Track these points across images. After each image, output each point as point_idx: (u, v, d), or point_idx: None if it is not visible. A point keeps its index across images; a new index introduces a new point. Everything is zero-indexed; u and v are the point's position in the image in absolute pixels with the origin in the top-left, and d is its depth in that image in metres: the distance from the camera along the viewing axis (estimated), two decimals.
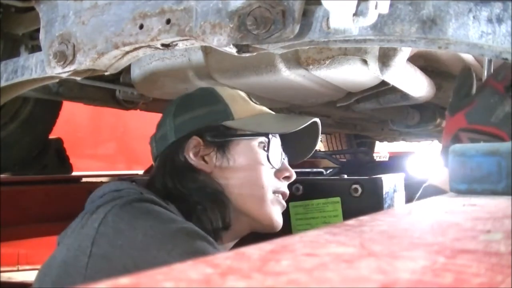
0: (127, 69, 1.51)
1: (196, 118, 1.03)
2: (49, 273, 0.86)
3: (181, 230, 0.84)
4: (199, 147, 1.01)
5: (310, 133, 1.13)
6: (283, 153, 1.09)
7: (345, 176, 1.49)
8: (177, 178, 1.00)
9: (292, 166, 1.12)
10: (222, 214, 0.98)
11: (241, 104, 1.06)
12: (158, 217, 0.86)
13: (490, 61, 0.91)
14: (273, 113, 1.12)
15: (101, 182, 2.04)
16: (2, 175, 1.98)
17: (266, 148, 1.04)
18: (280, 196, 1.07)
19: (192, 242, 0.82)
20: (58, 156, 2.21)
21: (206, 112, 1.03)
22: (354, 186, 1.35)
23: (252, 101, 1.11)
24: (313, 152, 1.19)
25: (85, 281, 0.79)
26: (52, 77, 1.05)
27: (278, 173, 1.06)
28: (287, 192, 1.09)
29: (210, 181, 1.00)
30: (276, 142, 1.06)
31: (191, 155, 1.01)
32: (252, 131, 1.03)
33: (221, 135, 1.02)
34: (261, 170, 1.02)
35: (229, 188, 1.00)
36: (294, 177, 1.09)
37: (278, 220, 1.05)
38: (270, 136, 1.04)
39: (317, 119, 1.09)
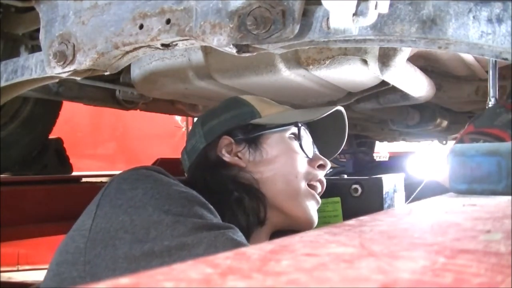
0: (127, 69, 1.51)
1: (224, 121, 1.03)
2: (64, 242, 0.85)
3: (181, 194, 0.84)
4: (231, 146, 1.01)
5: (337, 126, 1.14)
6: (314, 145, 1.10)
7: (345, 176, 1.49)
8: (211, 173, 1.00)
9: None
10: (258, 209, 0.97)
11: (265, 104, 1.07)
12: (159, 180, 0.87)
13: (495, 62, 0.92)
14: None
15: (101, 182, 2.05)
16: (2, 175, 1.98)
17: (297, 138, 1.04)
18: (316, 189, 1.06)
19: (190, 206, 0.82)
20: (58, 156, 2.21)
21: (233, 115, 1.03)
22: (354, 186, 1.35)
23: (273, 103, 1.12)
24: (342, 146, 1.19)
25: (87, 243, 0.79)
26: (52, 77, 1.05)
27: (312, 162, 1.05)
28: (324, 180, 1.08)
29: (244, 175, 0.99)
30: (306, 132, 1.07)
31: (224, 152, 1.00)
32: (280, 123, 1.03)
33: (251, 131, 1.02)
34: (296, 159, 1.01)
35: (264, 182, 0.99)
36: (329, 165, 1.08)
37: (314, 216, 1.04)
38: (299, 125, 1.04)
39: (341, 108, 1.08)
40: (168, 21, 0.83)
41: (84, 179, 2.13)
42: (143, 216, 0.79)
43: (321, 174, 1.07)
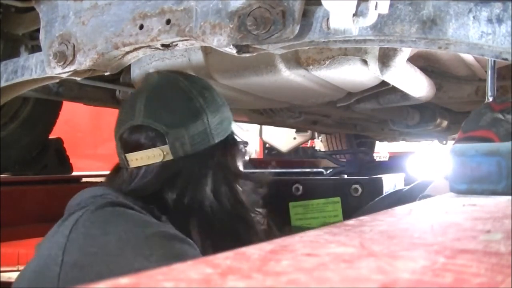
0: (127, 69, 1.51)
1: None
2: (22, 283, 0.83)
3: (156, 234, 0.81)
4: None
5: None
6: None
7: (345, 176, 1.49)
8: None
9: (292, 166, 1.12)
10: None
11: None
12: (131, 220, 0.83)
13: (494, 62, 0.92)
14: None
15: (101, 182, 2.04)
16: (2, 175, 1.98)
17: None
18: None
19: (171, 246, 0.80)
20: (58, 156, 2.21)
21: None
22: (354, 186, 1.35)
23: None
24: None
25: None
26: (52, 77, 1.05)
27: None
28: None
29: None
30: None
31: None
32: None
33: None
34: None
35: None
36: None
37: None
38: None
39: None
40: (168, 22, 0.83)
41: (84, 179, 2.13)
42: (122, 265, 0.75)
43: None
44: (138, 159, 0.97)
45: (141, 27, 0.86)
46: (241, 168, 1.08)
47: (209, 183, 0.99)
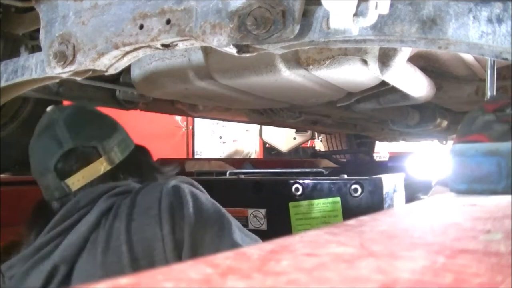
0: (127, 69, 1.51)
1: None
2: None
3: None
4: None
5: None
6: None
7: (345, 176, 1.49)
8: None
9: (292, 166, 1.12)
10: None
11: None
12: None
13: (493, 62, 0.92)
14: None
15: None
16: (2, 175, 1.98)
17: None
18: None
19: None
20: None
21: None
22: (354, 186, 1.35)
23: None
24: None
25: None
26: (52, 77, 1.05)
27: None
28: None
29: None
30: None
31: None
32: None
33: None
34: None
35: None
36: None
37: None
38: None
39: None
40: (168, 22, 0.83)
41: None
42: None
43: None
44: (80, 179, 1.05)
45: (141, 27, 0.86)
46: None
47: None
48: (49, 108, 1.14)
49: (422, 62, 1.71)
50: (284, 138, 4.83)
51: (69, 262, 0.96)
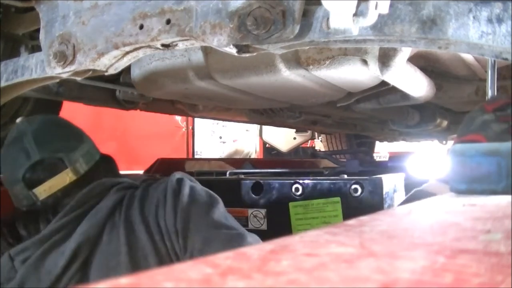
0: (127, 69, 1.51)
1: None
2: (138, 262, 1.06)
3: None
4: None
5: None
6: None
7: (345, 176, 1.49)
8: None
9: (292, 166, 1.13)
10: None
11: None
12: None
13: (494, 61, 0.92)
14: None
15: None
16: (2, 175, 1.98)
17: None
18: None
19: None
20: None
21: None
22: (354, 186, 1.35)
23: None
24: None
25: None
26: (52, 77, 1.05)
27: None
28: None
29: None
30: None
31: None
32: None
33: None
34: None
35: None
36: None
37: None
38: None
39: None
40: (168, 21, 0.83)
41: None
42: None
43: None
44: (47, 189, 1.12)
45: (141, 27, 0.86)
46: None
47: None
48: (18, 120, 1.22)
49: (422, 62, 1.71)
50: (284, 138, 4.83)
51: (92, 243, 1.08)
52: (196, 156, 6.19)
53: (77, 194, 1.13)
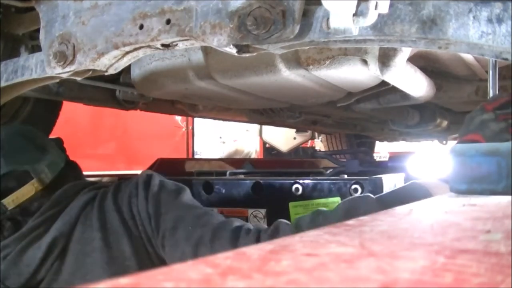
0: (127, 69, 1.51)
1: None
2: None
3: None
4: None
5: None
6: None
7: (345, 176, 1.49)
8: None
9: (292, 166, 1.13)
10: None
11: None
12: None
13: (495, 62, 0.92)
14: None
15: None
16: None
17: None
18: None
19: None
20: None
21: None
22: (354, 186, 1.35)
23: None
24: None
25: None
26: (52, 77, 1.05)
27: None
28: None
29: None
30: None
31: None
32: None
33: None
34: None
35: None
36: None
37: None
38: None
39: None
40: (168, 21, 0.83)
41: None
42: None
43: None
44: (15, 199, 1.19)
45: (141, 27, 0.86)
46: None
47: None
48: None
49: (422, 62, 1.71)
50: (284, 138, 4.84)
51: (67, 235, 1.16)
52: (196, 156, 6.19)
53: (44, 201, 1.21)
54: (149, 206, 1.16)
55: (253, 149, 6.84)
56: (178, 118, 5.48)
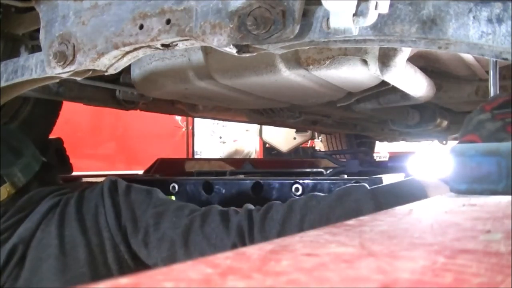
0: (127, 69, 1.51)
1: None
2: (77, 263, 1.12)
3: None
4: None
5: None
6: None
7: (345, 176, 1.49)
8: None
9: (292, 166, 1.13)
10: None
11: None
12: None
13: (496, 62, 0.92)
14: None
15: (101, 182, 2.04)
16: None
17: None
18: None
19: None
20: (58, 156, 2.21)
21: None
22: None
23: None
24: None
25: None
26: (52, 77, 1.05)
27: None
28: None
29: None
30: None
31: None
32: None
33: None
34: None
35: None
36: None
37: None
38: None
39: None
40: (168, 21, 0.83)
41: (84, 179, 2.13)
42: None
43: None
44: None
45: (141, 27, 0.86)
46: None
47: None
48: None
49: (422, 62, 1.71)
50: (284, 138, 4.84)
51: (26, 242, 1.16)
52: (196, 156, 6.19)
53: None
54: (122, 211, 1.15)
55: (253, 149, 6.84)
56: (178, 118, 5.48)
